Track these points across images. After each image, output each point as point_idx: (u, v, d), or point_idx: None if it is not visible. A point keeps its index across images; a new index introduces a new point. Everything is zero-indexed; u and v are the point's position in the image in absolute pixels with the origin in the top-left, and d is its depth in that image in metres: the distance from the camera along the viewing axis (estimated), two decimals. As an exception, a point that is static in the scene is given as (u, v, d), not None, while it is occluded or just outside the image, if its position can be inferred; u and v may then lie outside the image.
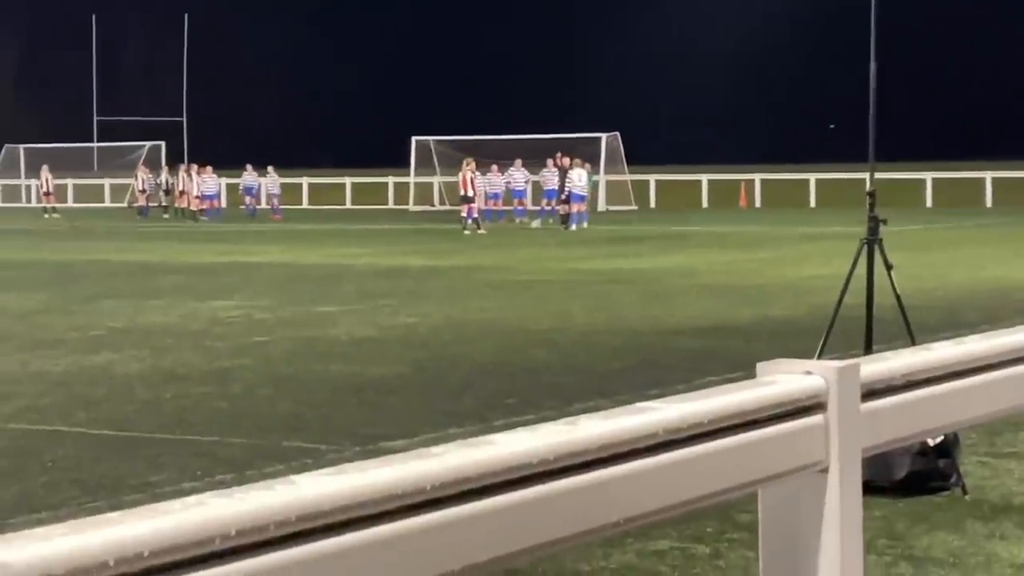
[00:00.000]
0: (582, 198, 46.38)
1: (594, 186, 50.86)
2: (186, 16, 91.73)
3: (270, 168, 61.14)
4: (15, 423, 11.15)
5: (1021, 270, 24.97)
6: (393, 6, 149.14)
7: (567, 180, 46.58)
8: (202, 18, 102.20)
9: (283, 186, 62.35)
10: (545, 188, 50.30)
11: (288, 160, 64.55)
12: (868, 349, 8.55)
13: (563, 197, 47.03)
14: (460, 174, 47.06)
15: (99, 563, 1.76)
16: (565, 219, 46.50)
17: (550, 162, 50.25)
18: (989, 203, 57.70)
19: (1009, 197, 56.86)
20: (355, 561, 2.11)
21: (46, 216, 59.30)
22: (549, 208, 49.70)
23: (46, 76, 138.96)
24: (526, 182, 52.00)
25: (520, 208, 51.57)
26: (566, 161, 48.69)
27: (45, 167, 64.40)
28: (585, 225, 44.19)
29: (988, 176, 59.68)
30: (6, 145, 76.86)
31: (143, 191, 63.00)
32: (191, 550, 1.86)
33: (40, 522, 1.92)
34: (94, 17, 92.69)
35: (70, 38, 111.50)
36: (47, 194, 62.88)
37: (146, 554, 1.80)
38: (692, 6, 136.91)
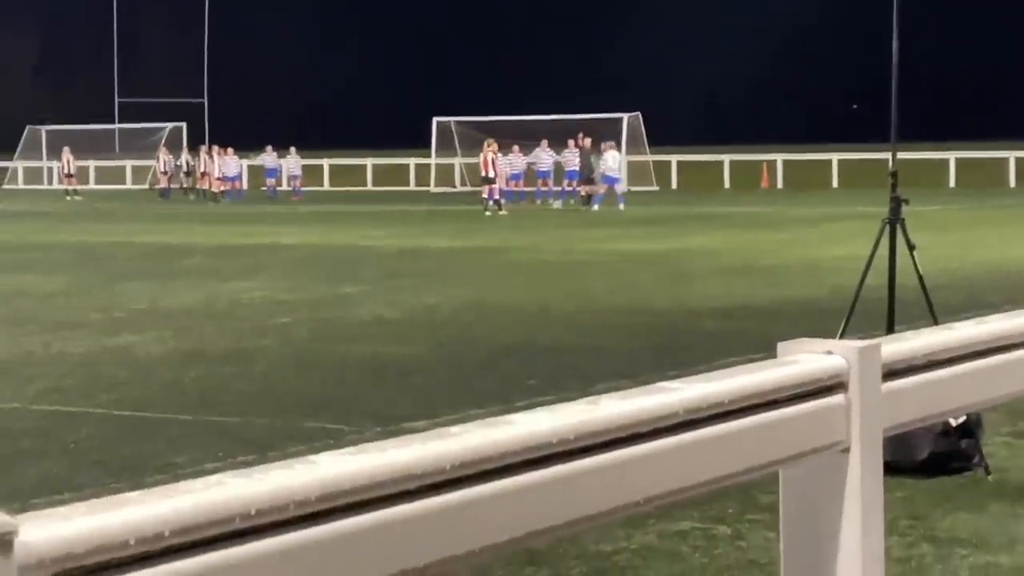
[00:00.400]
0: (615, 180, 46.18)
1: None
2: (207, 0, 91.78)
3: (292, 149, 61.22)
4: (37, 404, 11.19)
5: (1045, 250, 24.86)
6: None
7: (601, 163, 46.51)
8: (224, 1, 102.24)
9: (304, 168, 62.47)
10: (567, 169, 50.31)
11: (309, 141, 64.47)
12: (890, 329, 8.54)
13: (590, 177, 47.05)
14: (481, 155, 47.03)
15: (120, 542, 1.76)
16: (587, 200, 46.50)
17: (571, 143, 50.20)
18: (1012, 183, 57.45)
19: (1034, 177, 56.70)
20: (375, 541, 2.12)
21: (68, 198, 59.42)
22: (570, 189, 49.67)
23: (68, 58, 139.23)
24: (552, 163, 51.78)
25: (546, 189, 51.33)
26: (587, 142, 48.64)
27: (66, 149, 64.47)
28: (622, 207, 43.51)
29: (1012, 156, 59.39)
30: (28, 127, 76.96)
31: (164, 173, 63.12)
32: (211, 529, 1.87)
33: (62, 502, 1.93)
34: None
35: (91, 20, 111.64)
36: (69, 176, 62.95)
37: (166, 533, 1.81)
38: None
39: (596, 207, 44.05)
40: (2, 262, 26.19)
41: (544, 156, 51.73)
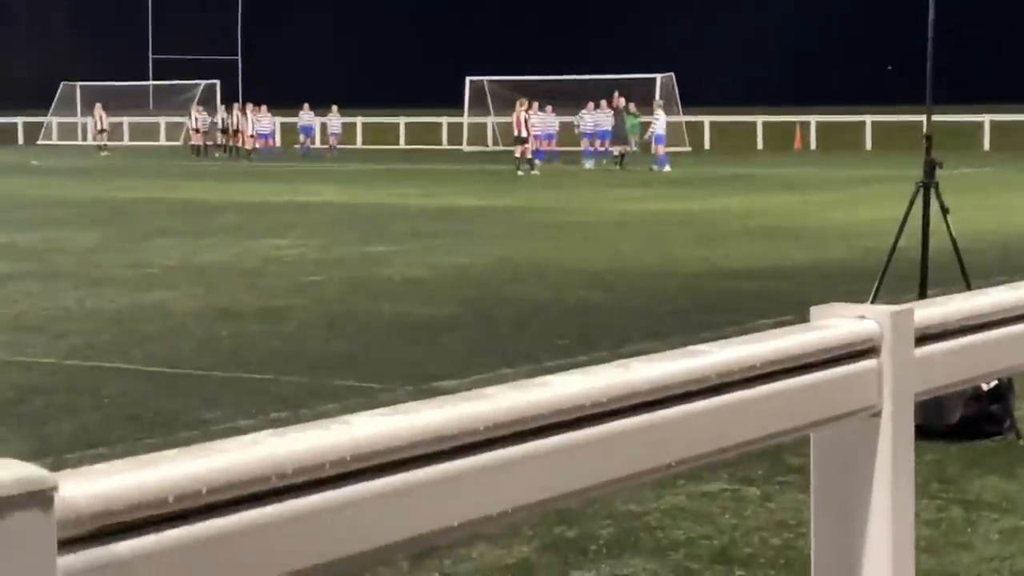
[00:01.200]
0: (663, 139, 45.94)
1: (635, 128, 49.88)
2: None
3: (333, 108, 61.06)
4: (71, 360, 11.26)
5: (1079, 214, 24.73)
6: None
7: (655, 122, 46.43)
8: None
9: (342, 124, 62.37)
10: (599, 129, 50.15)
11: (341, 99, 64.38)
12: (923, 293, 8.52)
13: (624, 137, 47.03)
14: (514, 115, 46.92)
15: (159, 500, 1.78)
16: (620, 160, 46.44)
17: (603, 103, 50.03)
18: (1048, 146, 57.06)
19: (1069, 140, 56.32)
20: (408, 500, 2.13)
21: (101, 154, 59.61)
22: (603, 149, 49.53)
23: (101, 14, 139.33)
24: (595, 125, 51.23)
25: (592, 149, 50.45)
26: (621, 102, 48.54)
27: (99, 105, 64.66)
28: (667, 168, 42.99)
29: (1047, 119, 59.02)
30: (62, 83, 77.11)
31: (197, 130, 63.23)
32: (248, 488, 1.88)
33: (97, 457, 1.95)
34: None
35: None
36: (101, 131, 63.16)
37: (204, 491, 1.83)
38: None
39: (667, 167, 43.23)
40: (37, 218, 26.30)
41: (588, 117, 51.23)
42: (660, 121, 46.20)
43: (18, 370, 10.81)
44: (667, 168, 42.99)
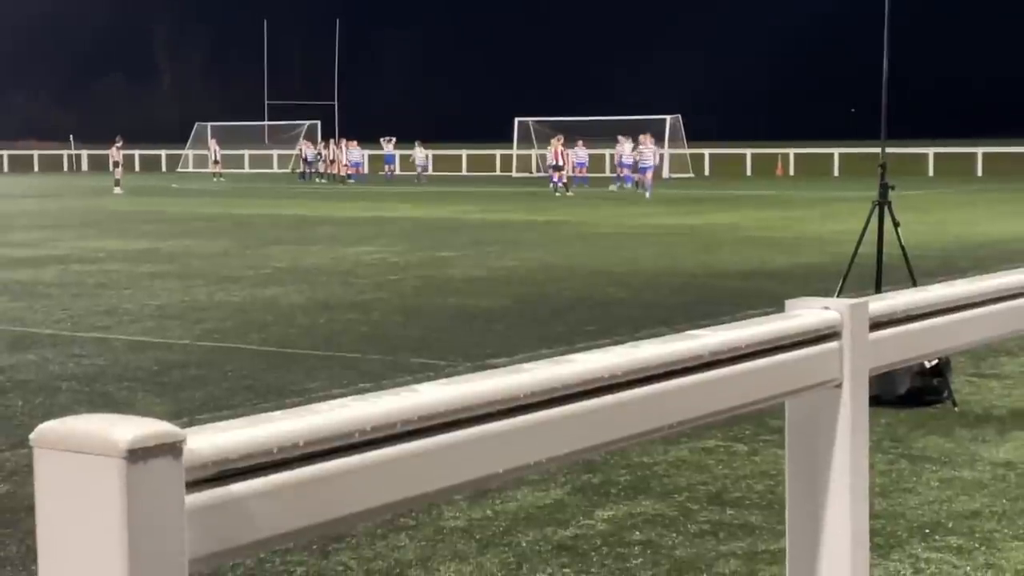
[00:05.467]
0: (647, 168, 44.57)
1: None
2: (337, 21, 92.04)
3: (417, 143, 60.89)
4: (202, 341, 11.33)
5: (1004, 227, 24.55)
6: (505, 15, 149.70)
7: (637, 152, 45.76)
8: (351, 22, 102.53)
9: (428, 157, 61.94)
10: (625, 160, 49.86)
11: (417, 136, 64.46)
12: (877, 289, 8.47)
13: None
14: (550, 147, 46.89)
15: (265, 450, 1.79)
16: (639, 184, 46.20)
17: (621, 138, 49.79)
18: (979, 173, 56.71)
19: (997, 168, 55.97)
20: (464, 452, 2.14)
21: (214, 179, 59.95)
22: (624, 176, 49.33)
23: (228, 69, 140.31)
24: (629, 156, 49.80)
25: (627, 176, 48.27)
26: (640, 138, 48.27)
27: (213, 140, 65.18)
28: (648, 196, 40.30)
29: (979, 151, 58.71)
30: (196, 123, 77.62)
31: (304, 160, 63.53)
32: (336, 441, 1.89)
33: (221, 418, 1.96)
34: (265, 22, 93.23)
35: (247, 39, 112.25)
36: (216, 162, 63.56)
37: (301, 444, 1.83)
38: (743, 11, 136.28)
39: (648, 194, 41.11)
40: (176, 229, 26.47)
41: (620, 150, 50.11)
42: (647, 153, 44.14)
43: (161, 349, 10.89)
44: (648, 196, 40.17)
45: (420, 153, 60.52)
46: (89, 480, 1.58)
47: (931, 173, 56.84)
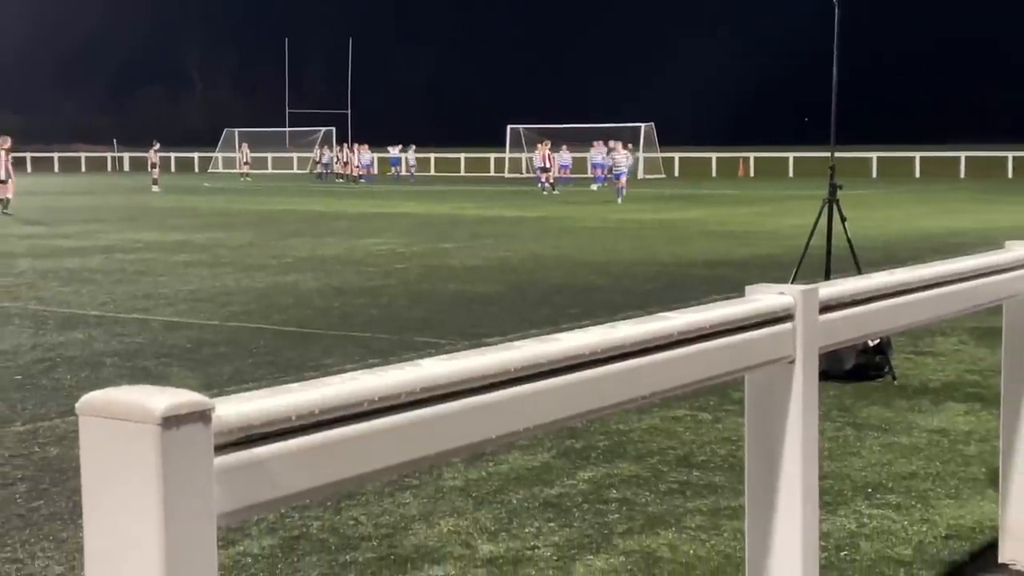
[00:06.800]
0: (621, 174, 43.49)
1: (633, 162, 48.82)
2: (351, 40, 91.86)
3: (412, 146, 61.32)
4: (231, 322, 11.31)
5: (939, 223, 24.57)
6: (499, 35, 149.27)
7: (611, 159, 45.17)
8: (364, 40, 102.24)
9: (417, 159, 62.56)
10: (601, 162, 49.86)
11: (421, 140, 64.44)
12: (827, 277, 8.48)
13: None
14: (537, 151, 46.86)
15: (284, 417, 1.79)
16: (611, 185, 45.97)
17: (598, 143, 49.72)
18: (918, 175, 56.78)
19: (933, 171, 56.08)
20: (462, 420, 2.14)
21: (241, 179, 59.89)
22: (603, 176, 49.30)
23: (253, 80, 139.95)
24: (602, 158, 49.61)
25: (600, 176, 47.90)
26: (613, 144, 48.15)
27: (244, 144, 65.22)
28: (619, 201, 36.78)
29: (917, 155, 58.78)
30: (225, 129, 77.46)
31: (319, 162, 63.49)
32: (347, 410, 1.88)
33: (247, 390, 1.95)
34: (287, 40, 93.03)
35: (270, 55, 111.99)
36: (245, 163, 63.53)
37: (316, 412, 1.83)
38: (711, 31, 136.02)
39: (619, 199, 37.67)
40: (207, 223, 26.42)
41: (595, 154, 50.17)
42: (620, 160, 41.43)
43: (193, 329, 10.87)
44: (619, 200, 36.30)
45: (412, 156, 61.19)
46: (128, 444, 1.58)
47: (875, 175, 56.89)
